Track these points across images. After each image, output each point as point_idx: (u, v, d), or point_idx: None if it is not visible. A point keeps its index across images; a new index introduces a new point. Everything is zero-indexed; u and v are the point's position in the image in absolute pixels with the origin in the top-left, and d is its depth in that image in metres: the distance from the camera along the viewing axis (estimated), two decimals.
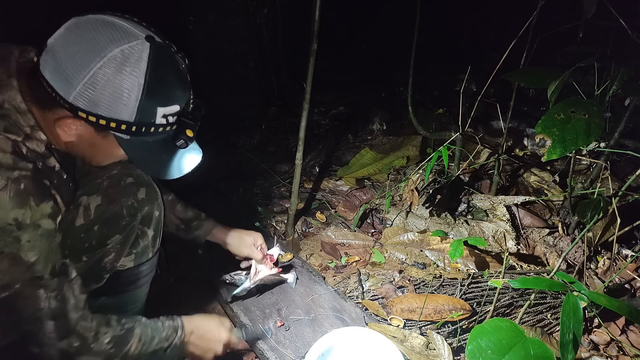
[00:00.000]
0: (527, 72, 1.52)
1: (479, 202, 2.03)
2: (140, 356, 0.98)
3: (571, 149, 1.13)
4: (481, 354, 0.87)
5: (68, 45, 0.74)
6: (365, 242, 1.86)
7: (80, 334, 0.88)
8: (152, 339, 1.00)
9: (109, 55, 0.73)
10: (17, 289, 0.79)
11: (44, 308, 0.82)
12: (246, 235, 1.41)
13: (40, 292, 0.81)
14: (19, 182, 0.75)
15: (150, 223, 1.14)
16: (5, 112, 0.78)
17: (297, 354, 1.30)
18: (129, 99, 0.75)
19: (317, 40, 1.45)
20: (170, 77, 0.81)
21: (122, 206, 1.03)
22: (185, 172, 0.94)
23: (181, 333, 1.06)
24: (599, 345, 1.44)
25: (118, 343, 0.93)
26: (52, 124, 0.81)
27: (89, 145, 0.86)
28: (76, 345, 0.87)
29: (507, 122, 1.84)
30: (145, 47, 0.76)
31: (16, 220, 0.75)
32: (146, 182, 1.09)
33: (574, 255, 1.77)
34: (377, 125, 2.84)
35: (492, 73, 1.63)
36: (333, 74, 3.45)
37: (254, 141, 2.78)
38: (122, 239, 1.06)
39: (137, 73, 0.75)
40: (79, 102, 0.75)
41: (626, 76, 1.43)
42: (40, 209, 0.78)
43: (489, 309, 1.36)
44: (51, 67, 0.74)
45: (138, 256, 1.14)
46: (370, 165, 2.42)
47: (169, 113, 0.81)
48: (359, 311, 1.45)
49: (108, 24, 0.75)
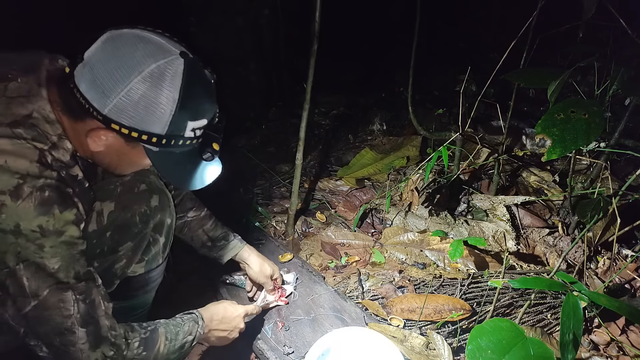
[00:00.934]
0: (527, 72, 1.52)
1: (478, 202, 2.03)
2: (169, 354, 0.98)
3: (571, 149, 1.13)
4: (481, 354, 0.87)
5: (106, 60, 0.75)
6: (365, 242, 1.86)
7: (113, 342, 0.87)
8: (177, 335, 1.00)
9: (147, 70, 0.75)
10: (44, 297, 0.79)
11: (74, 313, 0.81)
12: (267, 265, 1.41)
13: (68, 295, 0.81)
14: (44, 190, 0.76)
15: (162, 230, 1.14)
16: (34, 121, 0.79)
17: (297, 354, 1.30)
18: (163, 113, 0.77)
19: (317, 41, 1.45)
20: (201, 92, 0.83)
21: (135, 213, 1.03)
22: (207, 183, 0.96)
23: (202, 322, 1.08)
24: (599, 345, 1.44)
25: (147, 345, 0.93)
26: (82, 134, 0.82)
27: (116, 155, 0.87)
28: (111, 355, 0.86)
29: (507, 122, 1.84)
30: (180, 62, 0.78)
31: (40, 227, 0.76)
32: (159, 189, 1.10)
33: (574, 255, 1.77)
34: (377, 126, 2.84)
35: (492, 73, 1.63)
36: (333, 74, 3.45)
37: (255, 141, 2.78)
38: (134, 245, 1.06)
39: (173, 88, 0.77)
40: (113, 114, 0.77)
41: (626, 76, 1.43)
42: (63, 217, 0.79)
43: (489, 309, 1.36)
44: (87, 80, 0.76)
45: (149, 263, 1.14)
46: (371, 166, 2.42)
47: (198, 127, 0.84)
48: (359, 311, 1.45)
49: (144, 39, 0.77)
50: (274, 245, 1.77)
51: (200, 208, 1.33)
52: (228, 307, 1.17)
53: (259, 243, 1.79)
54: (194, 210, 1.31)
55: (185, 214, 1.31)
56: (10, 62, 0.84)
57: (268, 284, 1.41)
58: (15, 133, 0.76)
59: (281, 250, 1.73)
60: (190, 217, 1.31)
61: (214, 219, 1.36)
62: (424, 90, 3.21)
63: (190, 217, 1.31)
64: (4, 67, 0.83)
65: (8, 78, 0.81)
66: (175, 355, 1.00)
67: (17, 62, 0.84)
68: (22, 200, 0.74)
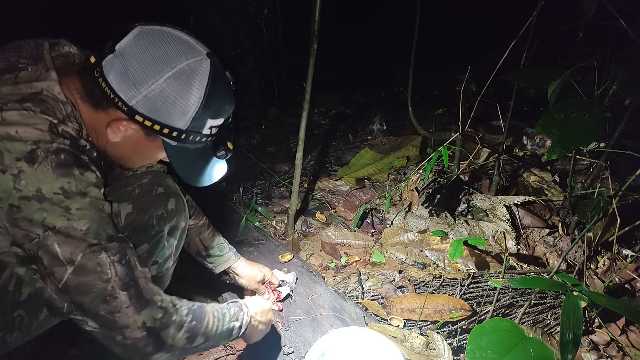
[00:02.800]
0: (527, 72, 1.52)
1: (479, 202, 2.03)
2: (217, 335, 0.97)
3: (571, 149, 1.12)
4: (481, 354, 0.87)
5: (140, 53, 0.78)
6: (365, 242, 1.86)
7: (160, 305, 0.85)
8: (224, 316, 1.00)
9: (179, 67, 0.78)
10: (79, 261, 0.77)
11: (112, 277, 0.80)
12: (258, 270, 1.42)
13: (102, 257, 0.79)
14: (59, 154, 0.76)
15: (176, 234, 1.14)
16: (44, 97, 0.79)
17: (297, 354, 1.30)
18: (188, 108, 0.81)
19: (317, 40, 1.45)
20: (223, 92, 0.86)
21: (152, 216, 1.03)
22: (214, 180, 0.99)
23: (246, 309, 1.08)
24: (599, 345, 1.44)
25: (197, 316, 0.92)
26: (101, 124, 0.84)
27: (132, 148, 0.89)
28: (159, 317, 0.85)
29: (507, 122, 1.84)
30: (207, 62, 0.81)
31: (62, 189, 0.75)
32: (175, 193, 1.09)
33: (574, 255, 1.77)
34: (377, 125, 2.83)
35: (492, 73, 1.63)
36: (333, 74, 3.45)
37: (254, 141, 2.78)
38: (150, 248, 1.05)
39: (200, 86, 0.80)
40: (139, 107, 0.79)
41: (626, 76, 1.43)
42: (85, 178, 0.78)
43: (489, 309, 1.36)
44: (118, 71, 0.78)
45: (160, 265, 1.14)
46: (370, 165, 2.42)
47: (215, 125, 0.88)
48: (359, 311, 1.45)
49: (175, 37, 0.81)
50: (274, 245, 1.77)
51: (200, 216, 1.33)
52: (262, 300, 1.19)
53: (259, 243, 1.78)
54: (193, 218, 1.31)
55: None
56: (19, 50, 0.85)
57: (260, 289, 1.42)
58: (25, 106, 0.76)
59: (281, 250, 1.73)
60: (189, 225, 1.31)
61: (212, 228, 1.36)
62: (424, 90, 3.21)
63: (189, 225, 1.31)
64: (15, 57, 0.83)
65: (19, 67, 0.82)
66: (224, 340, 0.99)
67: (25, 50, 0.85)
68: (38, 164, 0.73)
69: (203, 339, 0.94)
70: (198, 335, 0.93)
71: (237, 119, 0.95)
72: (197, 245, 1.33)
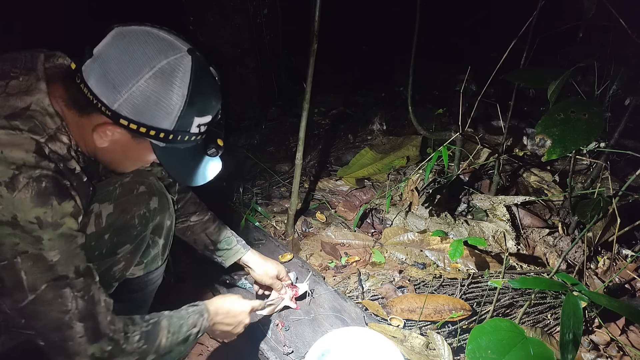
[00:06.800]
0: (527, 72, 1.52)
1: (479, 202, 2.03)
2: (172, 347, 0.97)
3: (571, 149, 1.12)
4: (481, 354, 0.87)
5: (117, 55, 0.76)
6: (365, 242, 1.86)
7: (112, 337, 0.85)
8: (181, 328, 0.99)
9: (158, 66, 0.76)
10: (42, 291, 0.77)
11: (72, 309, 0.80)
12: (272, 265, 1.40)
13: (66, 291, 0.79)
14: (40, 181, 0.75)
15: (161, 232, 1.13)
16: (32, 113, 0.78)
17: (297, 354, 1.30)
18: (172, 108, 0.78)
19: (317, 40, 1.45)
20: (208, 89, 0.84)
21: (134, 215, 1.02)
22: (208, 179, 0.96)
23: (207, 315, 1.06)
24: (599, 345, 1.44)
25: (148, 339, 0.92)
26: (87, 130, 0.82)
27: (121, 152, 0.87)
28: (109, 349, 0.85)
29: (507, 122, 1.84)
30: (189, 59, 0.79)
31: (38, 219, 0.74)
32: (158, 191, 1.09)
33: (574, 255, 1.77)
34: (377, 125, 2.83)
35: (492, 73, 1.63)
36: (333, 74, 3.45)
37: (254, 141, 2.78)
38: (133, 248, 1.05)
39: (182, 84, 0.78)
40: (122, 110, 0.77)
41: (626, 76, 1.43)
42: (61, 208, 0.78)
43: (489, 309, 1.36)
44: (97, 75, 0.76)
45: (148, 265, 1.14)
46: (370, 165, 2.42)
47: (203, 123, 0.85)
48: (359, 311, 1.45)
49: (153, 36, 0.78)
50: (274, 245, 1.77)
51: (204, 212, 1.32)
52: (234, 302, 1.16)
53: (258, 243, 1.79)
54: (197, 214, 1.31)
55: (188, 218, 1.30)
56: (14, 61, 0.84)
57: (276, 284, 1.40)
58: (12, 125, 0.75)
59: (281, 250, 1.73)
60: (193, 222, 1.31)
61: (218, 222, 1.35)
62: (423, 90, 3.21)
63: (193, 222, 1.31)
64: (7, 66, 0.83)
65: (10, 76, 0.81)
66: (179, 348, 0.99)
67: (20, 61, 0.84)
68: (18, 191, 0.72)
69: (154, 355, 0.93)
70: (149, 354, 0.92)
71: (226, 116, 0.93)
72: (203, 240, 1.33)
